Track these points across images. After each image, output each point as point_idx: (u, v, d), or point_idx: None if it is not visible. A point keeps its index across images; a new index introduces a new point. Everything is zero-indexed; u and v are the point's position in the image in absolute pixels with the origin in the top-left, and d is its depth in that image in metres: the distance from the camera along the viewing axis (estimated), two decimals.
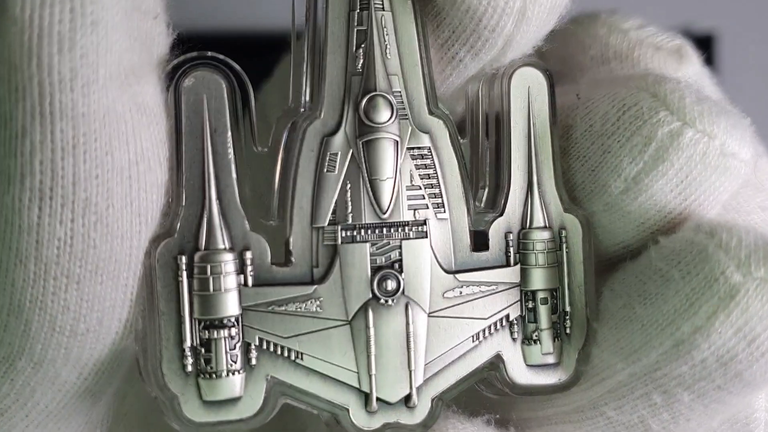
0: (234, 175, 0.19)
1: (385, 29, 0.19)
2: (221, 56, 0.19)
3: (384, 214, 0.19)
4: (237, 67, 0.19)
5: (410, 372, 0.20)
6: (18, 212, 0.17)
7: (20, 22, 0.16)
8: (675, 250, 0.19)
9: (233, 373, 0.19)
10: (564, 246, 0.21)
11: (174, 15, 0.19)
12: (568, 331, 0.21)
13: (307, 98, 0.20)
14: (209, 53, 0.19)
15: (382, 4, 0.19)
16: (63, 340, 0.18)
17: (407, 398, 0.20)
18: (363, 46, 0.19)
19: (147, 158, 0.18)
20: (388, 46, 0.19)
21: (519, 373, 0.21)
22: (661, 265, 0.19)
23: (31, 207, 0.17)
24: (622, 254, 0.21)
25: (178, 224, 0.18)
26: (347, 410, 0.19)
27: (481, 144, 0.22)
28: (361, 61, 0.19)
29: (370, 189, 0.19)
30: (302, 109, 0.20)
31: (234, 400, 0.19)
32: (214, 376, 0.18)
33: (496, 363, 0.20)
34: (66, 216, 0.17)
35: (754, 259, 0.18)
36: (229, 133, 0.19)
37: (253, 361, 0.19)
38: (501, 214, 0.20)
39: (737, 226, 0.19)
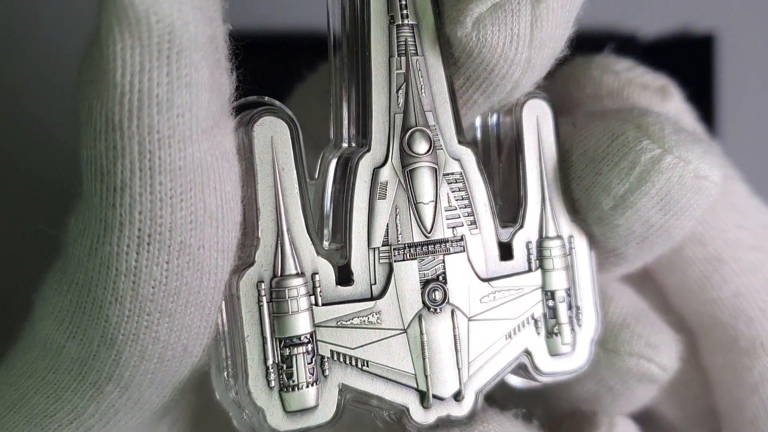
0: (300, 208, 0.21)
1: (419, 72, 0.22)
2: (277, 102, 0.21)
3: (428, 233, 0.22)
4: (288, 110, 0.21)
5: (458, 370, 0.22)
6: (116, 257, 0.18)
7: (120, 87, 0.17)
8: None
9: (311, 385, 0.21)
10: (573, 250, 0.24)
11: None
12: (580, 323, 0.24)
13: (353, 132, 0.22)
14: (266, 98, 0.21)
15: (416, 50, 0.22)
16: (150, 367, 0.20)
17: (457, 393, 0.22)
18: (402, 87, 0.22)
19: (229, 200, 0.20)
20: (423, 86, 0.22)
21: (544, 363, 0.24)
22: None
23: (130, 253, 0.18)
24: (613, 261, 0.25)
25: (256, 255, 0.20)
26: (407, 408, 0.22)
27: (492, 164, 0.25)
28: (402, 100, 0.22)
29: (415, 211, 0.22)
30: (344, 143, 0.22)
31: (312, 409, 0.21)
32: (295, 389, 0.20)
33: (525, 356, 0.23)
34: (162, 259, 0.19)
35: None
36: (295, 171, 0.21)
37: (327, 372, 0.21)
38: (522, 227, 0.24)
39: None
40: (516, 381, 0.25)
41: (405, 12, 0.22)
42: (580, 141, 0.24)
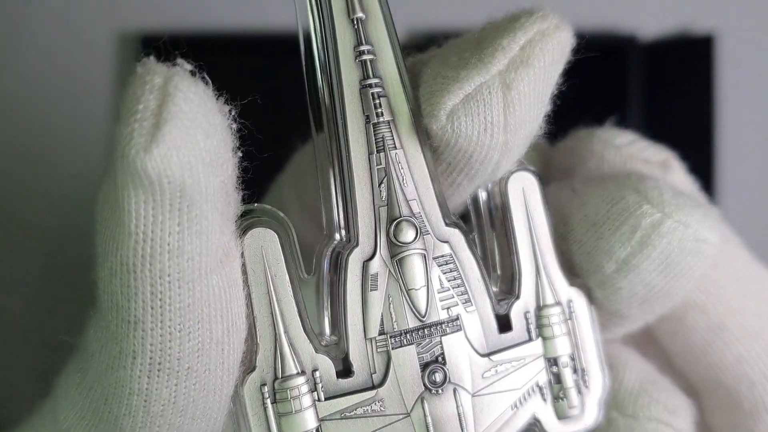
0: (296, 310, 0.22)
1: (399, 164, 0.23)
2: (267, 206, 0.22)
3: (423, 317, 0.23)
4: (280, 213, 0.23)
5: None
6: (130, 380, 0.20)
7: (134, 235, 0.19)
8: None
9: None
10: (573, 314, 0.24)
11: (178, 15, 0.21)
12: (587, 385, 0.24)
13: (342, 225, 0.23)
14: (256, 205, 0.22)
15: (394, 144, 0.23)
16: None
17: None
18: (384, 181, 0.23)
19: (235, 321, 0.21)
20: (404, 178, 0.23)
21: (553, 427, 0.24)
22: None
23: (142, 377, 0.20)
24: (615, 322, 0.25)
25: (256, 360, 0.22)
26: None
27: (487, 234, 0.25)
28: (385, 193, 0.23)
29: (408, 298, 0.23)
30: (337, 235, 0.23)
31: None
32: None
33: (534, 423, 0.24)
34: (171, 383, 0.20)
35: None
36: (287, 276, 0.22)
37: None
38: (518, 298, 0.24)
39: None
40: None
41: (380, 110, 0.23)
42: (580, 206, 0.24)
